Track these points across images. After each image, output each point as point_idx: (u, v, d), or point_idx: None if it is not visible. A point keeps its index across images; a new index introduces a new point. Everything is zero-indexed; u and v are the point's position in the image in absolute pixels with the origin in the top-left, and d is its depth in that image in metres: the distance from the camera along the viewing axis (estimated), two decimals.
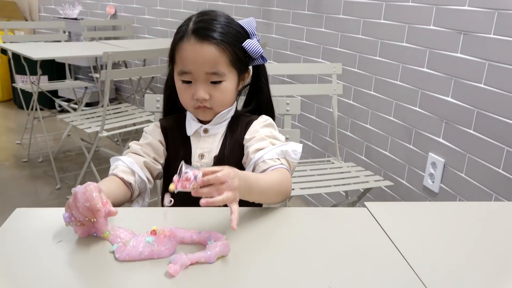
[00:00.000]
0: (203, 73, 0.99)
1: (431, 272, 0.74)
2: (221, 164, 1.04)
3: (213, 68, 0.98)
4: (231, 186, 0.77)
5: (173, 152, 1.08)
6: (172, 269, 0.69)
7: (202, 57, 0.98)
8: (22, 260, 0.72)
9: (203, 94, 1.00)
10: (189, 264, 0.72)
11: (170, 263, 0.71)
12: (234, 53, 1.00)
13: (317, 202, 2.64)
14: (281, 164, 0.98)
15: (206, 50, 0.97)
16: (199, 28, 0.98)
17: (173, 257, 0.72)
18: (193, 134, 1.07)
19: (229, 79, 1.01)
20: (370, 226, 0.89)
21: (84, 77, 4.20)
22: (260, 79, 1.10)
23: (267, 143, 1.01)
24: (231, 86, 1.03)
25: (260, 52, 1.02)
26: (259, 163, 0.98)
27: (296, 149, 1.01)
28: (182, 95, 1.03)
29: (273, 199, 0.94)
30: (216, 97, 1.01)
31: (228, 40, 0.99)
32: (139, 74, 3.41)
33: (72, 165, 3.09)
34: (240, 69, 1.04)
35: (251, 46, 1.02)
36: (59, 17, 4.09)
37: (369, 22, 2.18)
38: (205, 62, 0.98)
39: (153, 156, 1.06)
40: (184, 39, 0.99)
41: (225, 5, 3.09)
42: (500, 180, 1.63)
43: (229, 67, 1.00)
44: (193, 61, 0.98)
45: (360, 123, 2.31)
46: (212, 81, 1.00)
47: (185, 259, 0.71)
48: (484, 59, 1.66)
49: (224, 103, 1.05)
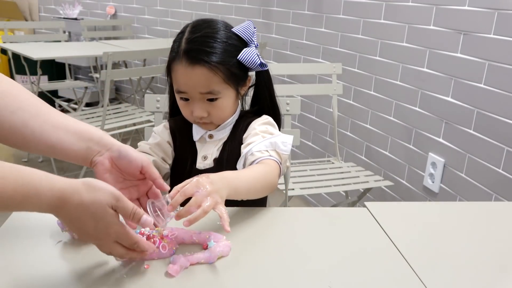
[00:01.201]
0: (198, 93, 0.98)
1: (431, 272, 0.74)
2: (220, 166, 1.05)
3: (206, 89, 0.98)
4: (205, 193, 0.74)
5: (180, 154, 1.09)
6: (172, 269, 0.69)
7: (194, 80, 0.97)
8: (22, 261, 0.72)
9: (201, 112, 1.00)
10: (189, 265, 0.72)
11: (170, 263, 0.71)
12: (228, 71, 0.98)
13: (317, 202, 2.64)
14: (269, 155, 0.97)
15: (197, 72, 0.96)
16: (190, 49, 0.96)
17: (173, 258, 0.72)
18: (198, 139, 1.08)
19: (225, 95, 1.00)
20: (370, 226, 0.89)
21: (84, 77, 4.20)
22: (260, 85, 1.09)
23: (259, 137, 1.00)
24: (228, 101, 1.02)
25: (256, 63, 1.00)
26: (247, 156, 0.98)
27: (286, 140, 1.00)
28: (182, 110, 1.04)
29: (261, 192, 0.93)
30: (214, 114, 1.01)
31: (222, 59, 0.97)
32: (139, 74, 3.41)
33: (72, 165, 3.09)
34: (236, 82, 1.02)
35: (247, 58, 0.99)
36: (59, 17, 4.09)
37: (369, 22, 2.18)
38: (197, 84, 0.97)
39: (161, 156, 1.06)
40: (176, 60, 0.98)
41: (225, 5, 3.09)
42: (500, 180, 1.63)
43: (224, 84, 0.99)
44: (186, 83, 0.98)
45: (360, 123, 2.31)
46: (209, 98, 0.99)
47: (184, 260, 0.71)
48: (484, 59, 1.66)
49: (224, 117, 1.05)
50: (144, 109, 2.16)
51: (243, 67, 1.01)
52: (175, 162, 1.10)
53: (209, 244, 0.76)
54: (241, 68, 1.01)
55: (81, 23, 3.64)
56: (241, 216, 0.91)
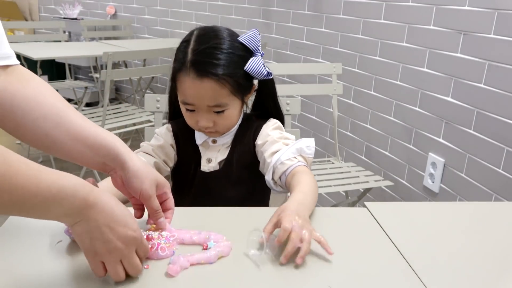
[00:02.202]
0: (205, 105, 0.98)
1: (431, 272, 0.74)
2: (229, 168, 1.05)
3: (214, 102, 0.97)
4: (300, 226, 0.75)
5: (184, 158, 1.09)
6: (172, 270, 0.69)
7: (202, 93, 0.96)
8: (22, 260, 0.72)
9: (207, 123, 1.00)
10: (189, 265, 0.72)
11: (169, 263, 0.71)
12: (235, 82, 0.97)
13: (317, 202, 2.64)
14: (298, 162, 0.99)
15: (206, 85, 0.95)
16: (198, 62, 0.95)
17: (172, 258, 0.72)
18: (201, 143, 1.08)
19: (232, 106, 1.00)
20: (370, 226, 0.89)
21: (84, 77, 4.20)
22: (264, 92, 1.09)
23: (280, 144, 1.02)
24: (234, 111, 1.02)
25: (263, 74, 1.00)
26: (277, 165, 0.99)
27: (309, 144, 1.02)
28: (187, 120, 1.03)
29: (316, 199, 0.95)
30: (220, 123, 1.02)
31: (229, 72, 0.96)
32: (139, 74, 3.41)
33: (72, 165, 3.09)
34: (243, 93, 1.02)
35: (254, 69, 0.99)
36: (59, 17, 4.09)
37: (369, 22, 2.18)
38: (205, 97, 0.97)
39: (163, 159, 1.06)
40: (183, 71, 0.96)
41: (225, 5, 3.09)
42: (500, 180, 1.63)
43: (231, 96, 0.98)
44: (193, 96, 0.97)
45: (360, 123, 2.31)
46: (215, 110, 0.99)
47: (184, 261, 0.71)
48: (484, 59, 1.66)
49: (229, 126, 1.05)
50: (144, 109, 2.16)
51: (249, 76, 1.01)
52: (178, 164, 1.10)
53: (209, 244, 0.76)
54: (247, 78, 1.01)
55: (81, 23, 3.64)
56: (242, 216, 0.91)
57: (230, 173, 1.06)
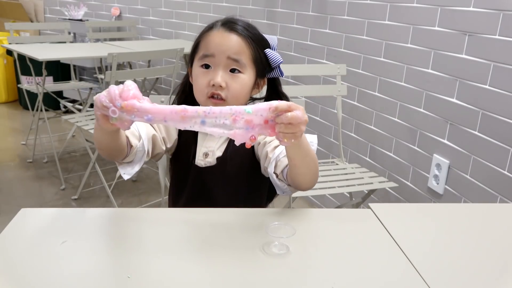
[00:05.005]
0: (225, 57, 1.00)
1: (435, 273, 0.74)
2: (224, 164, 1.05)
3: (236, 55, 1.01)
4: (302, 116, 0.84)
5: (183, 145, 1.10)
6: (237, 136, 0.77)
7: (228, 43, 1.01)
8: (27, 260, 0.73)
9: (221, 80, 1.00)
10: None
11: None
12: (257, 51, 1.03)
13: (321, 203, 2.64)
14: None
15: (233, 38, 1.01)
16: (228, 21, 1.04)
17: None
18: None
19: (248, 73, 1.03)
20: (375, 228, 0.89)
21: (89, 78, 4.22)
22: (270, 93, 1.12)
23: None
24: (248, 81, 1.03)
25: (280, 62, 1.06)
26: (280, 158, 0.98)
27: (312, 140, 1.02)
28: (199, 80, 1.03)
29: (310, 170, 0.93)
30: (233, 87, 1.01)
31: (254, 38, 1.03)
32: (144, 75, 3.41)
33: (76, 165, 3.10)
34: (259, 71, 1.05)
35: (272, 54, 1.06)
36: (64, 19, 4.11)
37: (373, 23, 2.18)
38: (230, 47, 1.01)
39: (163, 136, 1.07)
40: (213, 29, 1.03)
41: (230, 6, 3.09)
42: (505, 181, 1.62)
43: (251, 62, 1.03)
44: (218, 44, 1.01)
45: (365, 124, 2.31)
46: (232, 69, 1.01)
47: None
48: (489, 60, 1.65)
49: (238, 97, 1.04)
50: None
51: (267, 63, 1.07)
52: (176, 151, 1.11)
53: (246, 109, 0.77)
54: (264, 63, 1.06)
55: (86, 24, 3.66)
56: (245, 217, 0.91)
57: (225, 168, 1.06)
